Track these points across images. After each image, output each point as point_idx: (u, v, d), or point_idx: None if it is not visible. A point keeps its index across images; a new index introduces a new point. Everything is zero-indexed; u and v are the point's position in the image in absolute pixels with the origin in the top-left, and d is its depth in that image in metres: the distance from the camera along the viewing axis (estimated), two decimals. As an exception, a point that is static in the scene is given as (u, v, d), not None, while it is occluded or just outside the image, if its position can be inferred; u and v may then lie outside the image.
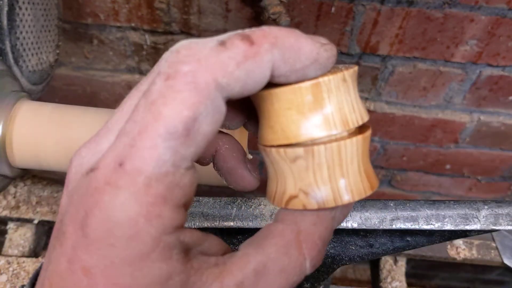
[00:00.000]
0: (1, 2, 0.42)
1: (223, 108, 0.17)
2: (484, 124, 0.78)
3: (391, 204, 0.41)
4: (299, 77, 0.19)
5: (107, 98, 0.78)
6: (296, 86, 0.19)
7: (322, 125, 0.19)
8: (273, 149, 0.20)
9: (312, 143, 0.19)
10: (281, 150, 0.20)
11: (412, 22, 0.63)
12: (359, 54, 0.68)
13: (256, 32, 0.18)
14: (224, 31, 0.66)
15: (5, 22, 0.43)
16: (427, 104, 0.76)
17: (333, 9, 0.61)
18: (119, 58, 0.72)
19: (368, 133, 0.21)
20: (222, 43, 0.17)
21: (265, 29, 0.18)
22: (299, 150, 0.20)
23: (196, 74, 0.16)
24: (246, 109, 0.23)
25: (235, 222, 0.40)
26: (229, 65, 0.17)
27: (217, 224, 0.40)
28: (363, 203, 0.42)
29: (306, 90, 0.19)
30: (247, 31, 0.18)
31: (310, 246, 0.19)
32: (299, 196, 0.20)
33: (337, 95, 0.19)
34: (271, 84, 0.20)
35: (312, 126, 0.19)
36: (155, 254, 0.16)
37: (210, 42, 0.18)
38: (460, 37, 0.64)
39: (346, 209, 0.21)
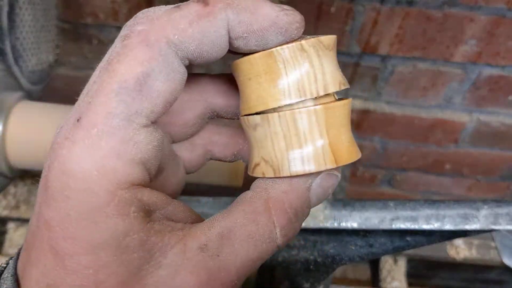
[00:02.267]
0: (1, 2, 0.42)
1: (178, 66, 0.18)
2: (483, 124, 0.78)
3: (391, 204, 0.42)
4: (259, 41, 0.18)
5: (107, 98, 0.78)
6: (251, 56, 0.19)
7: (277, 95, 0.19)
8: (241, 118, 0.21)
9: (268, 111, 0.20)
10: (245, 118, 0.21)
11: (412, 22, 0.63)
12: (359, 54, 0.68)
13: None
14: (224, 31, 0.66)
15: (5, 22, 0.43)
16: (427, 104, 0.76)
17: (333, 9, 0.61)
18: (119, 58, 0.72)
19: (337, 103, 0.20)
20: (177, 6, 0.18)
21: None
22: (257, 118, 0.20)
23: (149, 32, 0.17)
24: None
25: (235, 222, 0.40)
26: (180, 23, 0.17)
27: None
28: (363, 203, 0.42)
29: (260, 60, 0.19)
30: None
31: (280, 214, 0.18)
32: (260, 163, 0.21)
33: (294, 65, 0.19)
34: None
35: (268, 96, 0.20)
36: (110, 209, 0.16)
37: (167, 6, 0.18)
38: (459, 37, 0.64)
39: (326, 182, 0.20)
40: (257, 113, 0.20)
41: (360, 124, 0.80)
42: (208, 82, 0.23)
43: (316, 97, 0.20)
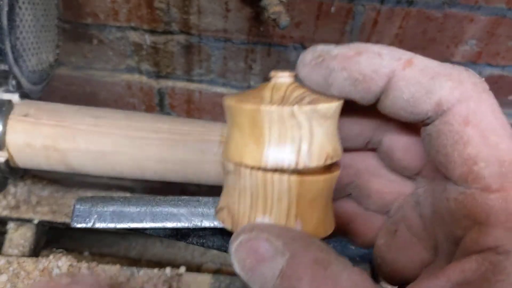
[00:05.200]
0: (1, 2, 0.42)
1: None
2: (483, 124, 0.78)
3: (391, 204, 0.41)
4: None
5: (106, 98, 0.78)
6: (242, 103, 0.18)
7: (254, 154, 0.18)
8: (222, 159, 0.20)
9: (243, 164, 0.19)
10: (223, 160, 0.20)
11: (412, 22, 0.63)
12: (359, 54, 0.68)
13: None
14: (224, 30, 0.66)
15: (5, 22, 0.43)
16: (427, 104, 0.76)
17: (333, 9, 0.62)
18: (119, 58, 0.72)
19: (315, 178, 0.19)
20: None
21: None
22: (231, 166, 0.19)
23: None
24: None
25: (235, 222, 0.40)
26: None
27: (217, 224, 0.40)
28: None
29: (248, 112, 0.18)
30: None
31: None
32: (224, 209, 0.20)
33: (279, 130, 0.18)
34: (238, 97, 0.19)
35: (245, 151, 0.18)
36: None
37: None
38: (459, 37, 0.64)
39: None
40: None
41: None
42: None
43: (293, 169, 0.18)
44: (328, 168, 0.20)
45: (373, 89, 0.18)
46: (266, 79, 0.21)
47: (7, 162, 0.44)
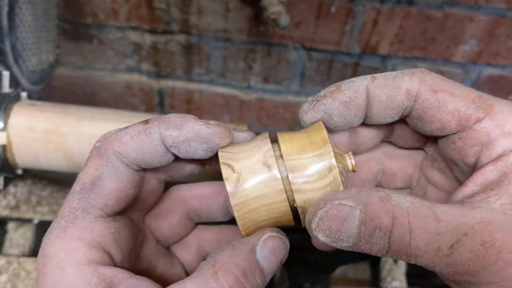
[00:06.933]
0: (1, 2, 0.42)
1: (124, 169, 0.23)
2: (484, 124, 0.78)
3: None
4: (187, 148, 0.23)
5: (106, 98, 0.79)
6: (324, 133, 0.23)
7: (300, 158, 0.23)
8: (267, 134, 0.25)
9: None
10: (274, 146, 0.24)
11: (412, 22, 0.63)
12: (359, 54, 0.68)
13: (154, 118, 0.23)
14: (224, 30, 0.66)
15: (5, 22, 0.43)
16: (427, 104, 0.76)
17: (333, 8, 0.62)
18: (119, 58, 0.72)
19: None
20: (127, 127, 0.23)
21: (162, 116, 0.24)
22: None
23: (101, 146, 0.23)
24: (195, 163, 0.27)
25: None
26: (124, 138, 0.23)
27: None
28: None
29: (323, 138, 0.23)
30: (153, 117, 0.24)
31: (226, 274, 0.20)
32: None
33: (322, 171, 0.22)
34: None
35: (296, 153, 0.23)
36: (75, 281, 0.20)
37: (122, 127, 0.23)
38: (460, 37, 0.64)
39: (270, 244, 0.22)
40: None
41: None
42: (187, 190, 0.29)
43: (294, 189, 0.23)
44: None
45: (360, 103, 0.24)
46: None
47: (8, 161, 0.44)
